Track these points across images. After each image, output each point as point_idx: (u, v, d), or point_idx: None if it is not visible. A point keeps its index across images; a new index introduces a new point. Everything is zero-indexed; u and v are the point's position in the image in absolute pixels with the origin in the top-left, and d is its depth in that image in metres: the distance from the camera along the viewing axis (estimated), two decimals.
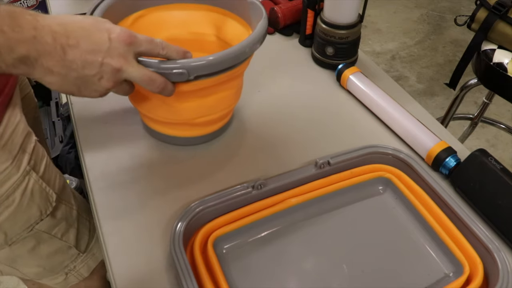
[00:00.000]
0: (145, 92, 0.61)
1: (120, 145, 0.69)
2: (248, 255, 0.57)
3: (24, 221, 0.63)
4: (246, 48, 0.57)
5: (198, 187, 0.63)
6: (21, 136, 0.60)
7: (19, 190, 0.60)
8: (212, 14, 0.70)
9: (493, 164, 0.61)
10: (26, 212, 0.62)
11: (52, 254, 0.70)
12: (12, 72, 0.45)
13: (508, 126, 1.64)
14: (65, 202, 0.70)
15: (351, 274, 0.55)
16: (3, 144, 0.57)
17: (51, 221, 0.67)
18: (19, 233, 0.63)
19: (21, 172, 0.60)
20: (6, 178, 0.58)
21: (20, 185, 0.60)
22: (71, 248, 0.73)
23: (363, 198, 0.64)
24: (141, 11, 0.68)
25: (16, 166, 0.59)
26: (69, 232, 0.71)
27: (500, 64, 1.06)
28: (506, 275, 0.51)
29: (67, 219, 0.70)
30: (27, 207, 0.62)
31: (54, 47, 0.45)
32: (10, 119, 0.59)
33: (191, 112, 0.63)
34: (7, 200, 0.59)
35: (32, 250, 0.67)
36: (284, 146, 0.70)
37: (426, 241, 0.59)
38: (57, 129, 1.39)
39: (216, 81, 0.59)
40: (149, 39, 0.52)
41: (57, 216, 0.68)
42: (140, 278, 0.53)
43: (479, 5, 1.09)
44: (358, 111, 0.78)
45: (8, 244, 0.63)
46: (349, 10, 0.81)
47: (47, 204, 0.65)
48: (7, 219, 0.60)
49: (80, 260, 0.76)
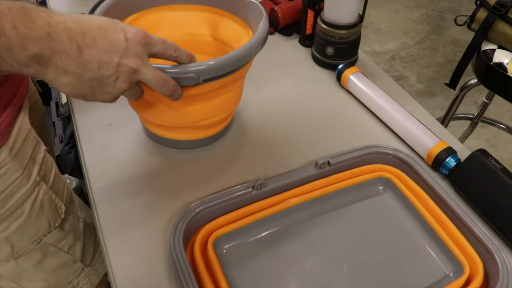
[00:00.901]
0: (148, 98, 0.61)
1: (120, 145, 0.70)
2: (248, 255, 0.57)
3: (33, 234, 0.61)
4: (252, 49, 0.57)
5: (198, 187, 0.63)
6: (31, 145, 0.59)
7: (28, 202, 0.58)
8: (208, 14, 0.70)
9: (493, 164, 0.61)
10: (35, 224, 0.60)
11: (57, 268, 0.68)
12: (24, 72, 0.43)
13: (508, 126, 1.64)
14: (73, 214, 0.68)
15: (351, 274, 0.55)
16: (15, 153, 0.55)
17: (59, 234, 0.65)
18: (26, 246, 0.61)
19: (31, 183, 0.58)
20: (16, 189, 0.56)
21: (30, 197, 0.58)
22: (77, 263, 0.70)
23: (363, 198, 0.64)
24: (136, 14, 0.68)
25: (27, 176, 0.57)
26: (76, 245, 0.69)
27: (500, 64, 1.06)
28: (506, 275, 0.51)
29: (75, 232, 0.68)
30: (36, 219, 0.60)
31: (70, 45, 0.43)
32: (21, 128, 0.57)
33: (196, 115, 0.63)
34: (16, 211, 0.57)
35: (38, 264, 0.64)
36: (284, 146, 0.70)
37: (426, 241, 0.59)
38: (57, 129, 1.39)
39: (222, 83, 0.59)
40: (162, 40, 0.51)
41: (65, 229, 0.66)
42: (140, 278, 0.53)
43: (479, 5, 1.09)
44: (358, 111, 0.78)
45: (14, 258, 0.61)
46: (349, 10, 0.81)
47: (55, 216, 0.63)
48: (15, 231, 0.58)
49: (83, 275, 0.73)
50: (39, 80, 0.51)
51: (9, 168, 0.54)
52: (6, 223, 0.57)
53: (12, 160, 0.55)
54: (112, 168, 0.66)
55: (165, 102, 0.60)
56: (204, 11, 0.70)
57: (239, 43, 0.61)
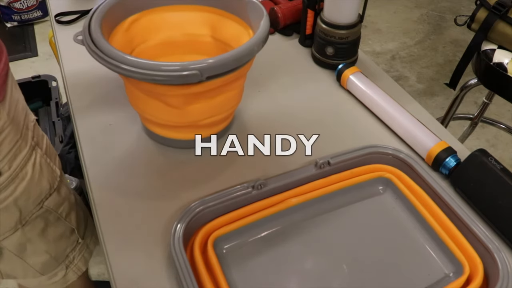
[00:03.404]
0: (149, 95, 0.61)
1: (120, 144, 0.70)
2: (248, 255, 0.57)
3: (37, 195, 0.65)
4: (254, 47, 0.57)
5: (198, 187, 0.63)
6: (22, 113, 0.62)
7: (29, 163, 0.62)
8: (208, 14, 0.70)
9: (493, 164, 0.61)
10: (38, 185, 0.65)
11: (58, 238, 0.73)
12: None
13: (508, 126, 1.64)
14: (65, 183, 0.73)
15: (351, 274, 0.55)
16: (12, 117, 0.58)
17: (57, 198, 0.70)
18: (31, 210, 0.65)
19: (29, 146, 0.62)
20: (18, 151, 0.60)
21: (30, 159, 0.62)
22: (73, 233, 0.76)
23: (363, 198, 0.64)
24: (136, 14, 0.68)
25: (24, 140, 0.61)
26: (71, 214, 0.74)
27: (500, 64, 1.06)
28: (506, 275, 0.51)
29: (69, 199, 0.73)
30: (38, 180, 0.64)
31: None
32: (12, 94, 0.60)
33: (197, 114, 0.63)
34: (21, 172, 0.61)
35: (42, 233, 0.69)
36: (284, 146, 0.70)
37: (426, 241, 0.59)
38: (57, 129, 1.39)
39: (224, 81, 0.59)
40: None
41: (61, 194, 0.71)
42: (140, 278, 0.53)
43: (479, 5, 1.09)
44: (358, 111, 0.78)
45: (22, 224, 0.65)
46: (349, 10, 0.81)
47: (53, 178, 0.68)
48: (22, 194, 0.62)
49: (78, 250, 0.78)
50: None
51: (10, 130, 0.58)
52: (13, 185, 0.60)
53: (11, 124, 0.58)
54: (112, 168, 0.66)
55: (166, 101, 0.60)
56: (204, 11, 0.70)
57: (239, 43, 0.61)
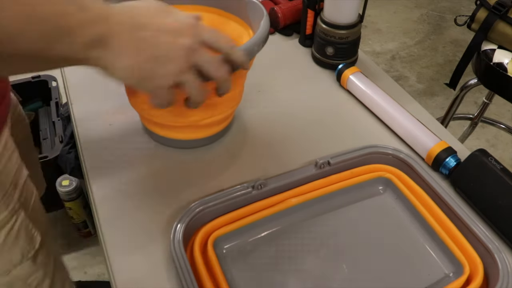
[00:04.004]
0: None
1: (120, 144, 0.69)
2: (248, 255, 0.57)
3: (4, 263, 0.58)
4: (254, 46, 0.57)
5: (198, 187, 0.63)
6: (14, 166, 0.56)
7: (4, 229, 0.56)
8: (208, 14, 0.70)
9: (493, 164, 0.61)
10: (8, 254, 0.58)
11: None
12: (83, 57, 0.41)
13: (508, 126, 1.64)
14: (46, 248, 0.65)
15: (351, 274, 0.55)
16: None
17: (30, 267, 0.62)
18: None
19: (9, 211, 0.55)
20: None
21: (6, 224, 0.56)
22: None
23: (363, 198, 0.64)
24: None
25: (5, 203, 0.55)
26: (44, 283, 0.66)
27: (500, 64, 1.06)
28: (506, 275, 0.51)
29: (46, 266, 0.66)
30: (10, 248, 0.57)
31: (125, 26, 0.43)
32: (6, 145, 0.54)
33: (198, 114, 0.63)
34: None
35: None
36: (284, 146, 0.70)
37: (426, 241, 0.59)
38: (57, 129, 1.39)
39: None
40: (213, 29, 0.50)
41: (37, 262, 0.63)
42: (140, 278, 0.53)
43: (479, 5, 1.09)
44: (358, 111, 0.78)
45: None
46: (349, 10, 0.81)
47: (30, 247, 0.61)
48: None
49: None
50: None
51: None
52: None
53: None
54: (112, 168, 0.66)
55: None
56: (204, 12, 0.70)
57: (239, 43, 0.61)
